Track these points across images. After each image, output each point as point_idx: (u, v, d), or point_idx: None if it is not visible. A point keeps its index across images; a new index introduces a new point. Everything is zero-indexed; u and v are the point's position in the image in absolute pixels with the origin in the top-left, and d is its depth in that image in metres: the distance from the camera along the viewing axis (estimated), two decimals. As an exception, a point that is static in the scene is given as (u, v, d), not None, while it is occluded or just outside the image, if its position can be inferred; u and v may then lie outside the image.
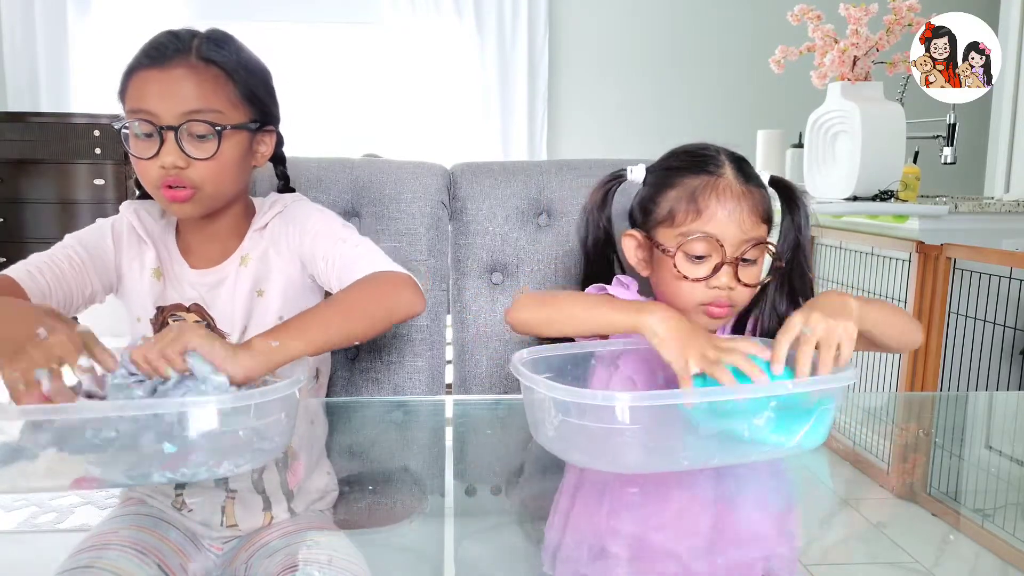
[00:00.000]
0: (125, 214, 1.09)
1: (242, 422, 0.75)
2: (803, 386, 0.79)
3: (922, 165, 2.79)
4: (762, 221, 1.01)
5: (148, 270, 1.06)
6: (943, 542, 0.81)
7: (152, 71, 0.97)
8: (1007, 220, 2.45)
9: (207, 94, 0.97)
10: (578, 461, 0.85)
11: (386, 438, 1.07)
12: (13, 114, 3.88)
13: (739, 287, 0.99)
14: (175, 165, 0.96)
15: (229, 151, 0.99)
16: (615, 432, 0.76)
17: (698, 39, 4.55)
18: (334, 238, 1.04)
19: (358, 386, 1.36)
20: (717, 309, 0.99)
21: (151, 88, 0.96)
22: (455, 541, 0.76)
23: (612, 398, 0.75)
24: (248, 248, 1.07)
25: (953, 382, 2.30)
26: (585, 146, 4.58)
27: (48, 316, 0.79)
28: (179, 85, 0.96)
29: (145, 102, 0.96)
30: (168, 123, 0.96)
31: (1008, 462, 1.02)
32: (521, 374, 0.82)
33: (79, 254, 1.03)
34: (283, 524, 0.84)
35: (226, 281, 1.06)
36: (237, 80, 1.00)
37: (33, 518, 0.81)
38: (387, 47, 4.41)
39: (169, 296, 1.07)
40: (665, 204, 1.02)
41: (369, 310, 0.96)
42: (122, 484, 0.82)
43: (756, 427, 0.78)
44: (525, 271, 1.39)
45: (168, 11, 4.20)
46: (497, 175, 1.40)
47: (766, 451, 0.81)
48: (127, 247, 1.08)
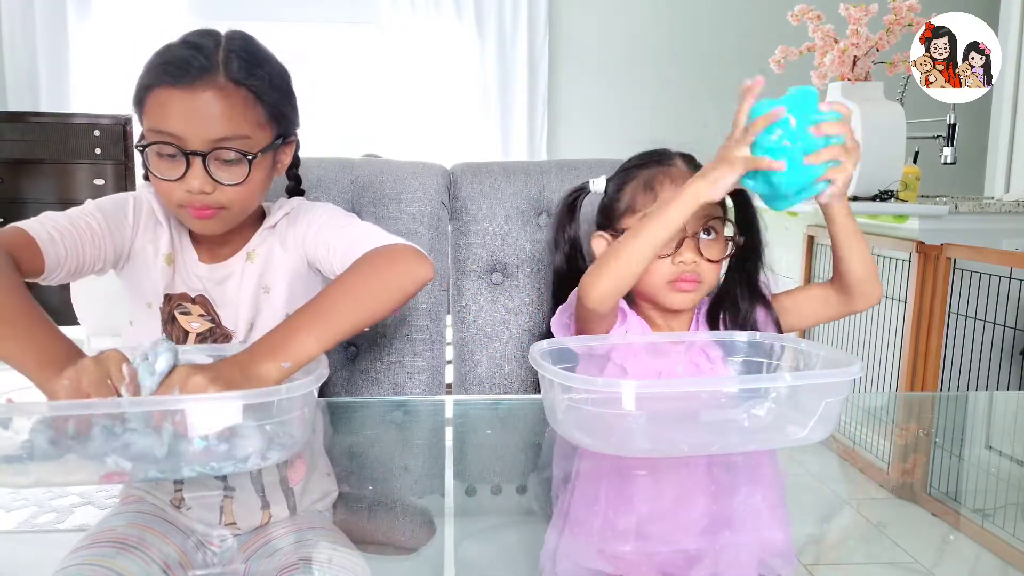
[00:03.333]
0: (145, 194, 1.06)
1: (267, 417, 0.77)
2: (807, 377, 0.81)
3: (922, 165, 2.79)
4: (716, 202, 1.04)
5: (161, 255, 1.05)
6: (943, 542, 0.81)
7: (176, 91, 0.92)
8: (1007, 220, 2.45)
9: (236, 120, 0.94)
10: (586, 444, 0.87)
11: (386, 438, 1.07)
12: (13, 114, 3.88)
13: (703, 261, 1.07)
14: (203, 190, 0.94)
15: (257, 174, 0.97)
16: (619, 417, 0.80)
17: (698, 39, 4.55)
18: (336, 226, 1.04)
19: (358, 386, 1.36)
20: (686, 284, 1.07)
21: (175, 110, 0.92)
22: (455, 541, 0.76)
23: (617, 384, 0.80)
24: (255, 245, 1.07)
25: (953, 382, 2.29)
26: (585, 146, 4.57)
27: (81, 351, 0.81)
28: (207, 109, 0.92)
29: (169, 124, 0.92)
30: (195, 148, 0.92)
31: (1008, 462, 1.02)
32: (534, 359, 0.87)
33: (100, 223, 0.99)
34: (283, 524, 0.84)
35: (232, 276, 1.06)
36: (265, 101, 0.97)
37: (33, 518, 0.81)
38: (387, 47, 4.41)
39: (177, 285, 1.06)
40: (626, 197, 1.13)
41: (374, 289, 0.93)
42: (152, 478, 0.82)
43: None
44: (525, 271, 1.39)
45: (168, 11, 4.19)
46: (497, 175, 1.40)
47: (764, 440, 0.83)
48: (144, 226, 1.05)
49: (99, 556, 0.76)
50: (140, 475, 0.76)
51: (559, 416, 0.85)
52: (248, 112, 0.95)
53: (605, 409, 0.81)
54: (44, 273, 0.93)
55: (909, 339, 2.30)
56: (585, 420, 0.83)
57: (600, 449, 0.86)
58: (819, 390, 0.83)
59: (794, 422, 0.84)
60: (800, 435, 0.84)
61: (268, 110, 0.97)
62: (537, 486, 0.92)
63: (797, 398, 0.86)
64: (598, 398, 0.81)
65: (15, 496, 0.85)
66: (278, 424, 0.78)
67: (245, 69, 0.94)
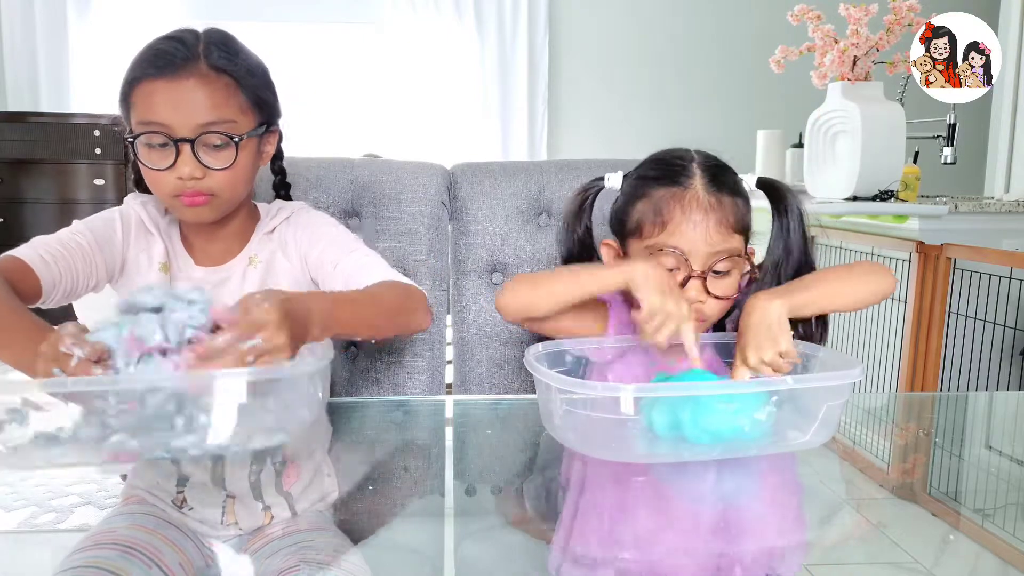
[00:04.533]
0: (132, 206, 1.08)
1: (272, 394, 0.74)
2: (807, 381, 0.81)
3: (922, 165, 2.79)
4: (734, 232, 0.99)
5: (156, 264, 1.05)
6: (943, 542, 0.81)
7: (160, 82, 0.95)
8: (1007, 220, 2.45)
9: (220, 104, 0.97)
10: (582, 450, 0.87)
11: (386, 438, 1.07)
12: (13, 114, 3.88)
13: (710, 299, 0.98)
14: (193, 176, 0.96)
15: (244, 158, 0.99)
16: (615, 422, 0.79)
17: (698, 39, 4.55)
18: (346, 248, 1.06)
19: (358, 386, 1.36)
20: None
21: (162, 99, 0.95)
22: (455, 541, 0.76)
23: (616, 389, 0.79)
24: (256, 250, 1.07)
25: (953, 382, 2.30)
26: (585, 146, 4.57)
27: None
28: (192, 96, 0.95)
29: (156, 114, 0.95)
30: (183, 135, 0.95)
31: (1008, 462, 1.02)
32: (530, 364, 0.85)
33: (89, 242, 1.02)
34: (283, 524, 0.84)
35: (232, 280, 1.06)
36: (246, 87, 0.99)
37: (33, 518, 0.81)
38: (387, 47, 4.41)
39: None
40: (634, 215, 1.01)
41: (390, 310, 0.97)
42: (158, 456, 0.80)
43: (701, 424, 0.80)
44: (525, 271, 1.39)
45: (168, 11, 4.19)
46: (497, 175, 1.40)
47: (766, 446, 0.82)
48: (135, 239, 1.07)
49: (100, 558, 0.76)
50: (147, 454, 0.74)
51: (556, 421, 0.84)
52: (231, 98, 0.98)
53: (602, 413, 0.79)
54: (42, 296, 0.95)
55: (909, 339, 2.30)
56: (580, 425, 0.82)
57: (596, 455, 0.86)
58: (819, 394, 0.82)
59: (795, 426, 0.83)
60: (801, 439, 0.82)
61: (250, 96, 1.00)
62: (537, 488, 0.92)
63: (798, 402, 0.85)
64: (594, 402, 0.79)
65: (15, 496, 0.85)
66: (281, 403, 0.76)
67: (225, 57, 0.98)
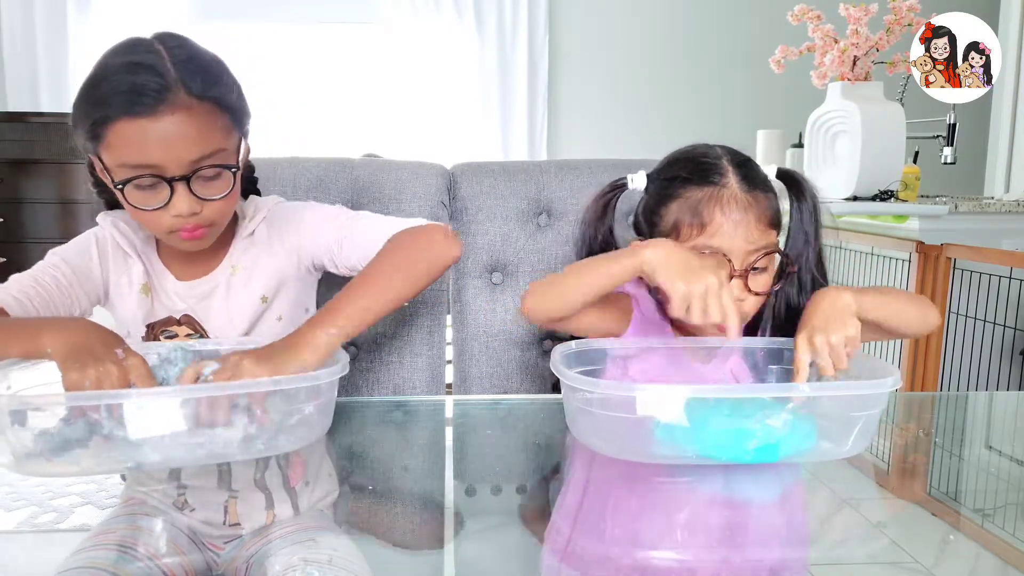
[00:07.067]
0: (105, 227, 1.04)
1: (297, 401, 0.83)
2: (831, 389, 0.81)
3: (922, 165, 2.79)
4: (770, 227, 0.98)
5: (136, 286, 1.03)
6: (943, 542, 0.81)
7: (140, 121, 0.87)
8: (1007, 220, 2.45)
9: (208, 135, 0.91)
10: (603, 450, 0.87)
11: (386, 438, 1.07)
12: (13, 114, 3.88)
13: (749, 296, 0.97)
14: (192, 212, 0.92)
15: (236, 180, 0.96)
16: (634, 423, 0.80)
17: (698, 39, 4.55)
18: (334, 223, 1.05)
19: (358, 386, 1.36)
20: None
21: (147, 140, 0.88)
22: (455, 541, 0.76)
23: (631, 388, 0.80)
24: (237, 257, 1.06)
25: (953, 382, 2.30)
26: (585, 146, 4.57)
27: (122, 342, 0.84)
28: (179, 131, 0.88)
29: (144, 156, 0.88)
30: (176, 174, 0.90)
31: (1008, 462, 1.02)
32: (554, 365, 0.86)
33: (65, 275, 0.99)
34: (283, 524, 0.84)
35: (217, 290, 1.05)
36: (224, 105, 0.94)
37: (33, 518, 0.81)
38: (387, 47, 4.41)
39: (157, 312, 1.05)
40: (669, 217, 0.99)
41: (410, 267, 0.97)
42: (186, 464, 0.86)
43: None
44: (525, 271, 1.39)
45: (168, 11, 4.19)
46: (497, 175, 1.40)
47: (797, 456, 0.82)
48: (113, 263, 1.04)
49: (100, 559, 0.76)
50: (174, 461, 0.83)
51: (578, 421, 0.85)
52: (216, 123, 0.92)
53: (620, 413, 0.80)
54: None
55: (909, 339, 2.30)
56: (600, 424, 0.82)
57: (614, 455, 0.86)
58: (845, 402, 0.82)
59: (826, 436, 0.83)
60: (835, 450, 0.84)
61: (229, 112, 0.95)
62: (539, 486, 0.92)
63: (822, 409, 0.84)
64: (613, 402, 0.80)
65: (15, 496, 0.85)
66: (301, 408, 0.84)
67: (202, 80, 0.90)
